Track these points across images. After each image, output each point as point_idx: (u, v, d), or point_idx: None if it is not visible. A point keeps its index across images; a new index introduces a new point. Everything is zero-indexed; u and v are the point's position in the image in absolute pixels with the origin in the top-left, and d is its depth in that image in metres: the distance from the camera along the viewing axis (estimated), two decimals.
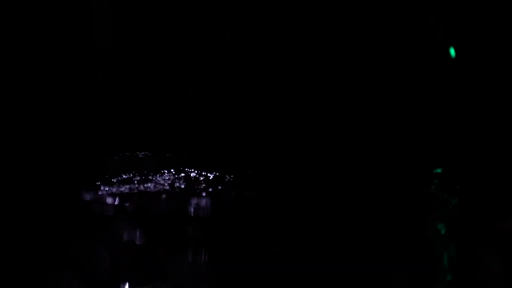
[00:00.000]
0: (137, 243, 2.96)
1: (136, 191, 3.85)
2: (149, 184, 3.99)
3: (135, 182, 4.01)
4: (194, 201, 3.68)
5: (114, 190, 3.79)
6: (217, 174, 4.19)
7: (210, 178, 4.14)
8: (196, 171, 4.25)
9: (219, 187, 3.95)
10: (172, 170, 4.25)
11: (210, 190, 3.89)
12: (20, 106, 4.31)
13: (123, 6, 4.64)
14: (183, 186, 3.98)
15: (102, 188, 3.80)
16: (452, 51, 4.19)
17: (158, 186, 3.97)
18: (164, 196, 3.76)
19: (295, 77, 4.69)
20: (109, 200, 3.56)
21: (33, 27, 4.35)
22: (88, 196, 3.67)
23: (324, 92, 4.65)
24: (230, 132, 4.63)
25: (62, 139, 4.33)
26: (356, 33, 4.65)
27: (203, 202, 3.68)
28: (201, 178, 4.13)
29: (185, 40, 4.73)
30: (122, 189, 3.83)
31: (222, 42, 4.74)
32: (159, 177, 4.13)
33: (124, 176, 4.08)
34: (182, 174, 4.18)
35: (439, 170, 4.27)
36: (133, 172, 4.21)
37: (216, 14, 4.71)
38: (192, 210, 3.55)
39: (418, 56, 4.61)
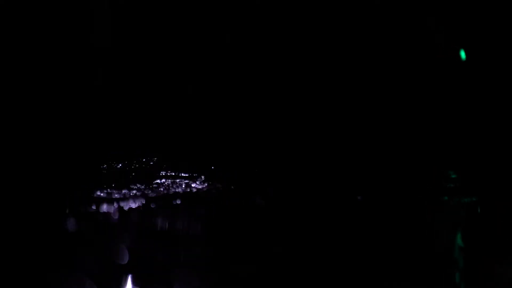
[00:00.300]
0: (138, 244, 2.95)
1: (137, 192, 3.85)
2: (152, 185, 3.98)
3: (137, 183, 4.00)
4: (198, 201, 3.69)
5: (118, 193, 3.78)
6: (222, 174, 4.18)
7: (214, 179, 4.14)
8: (199, 172, 4.24)
9: (225, 187, 3.95)
10: (175, 171, 4.24)
11: (214, 190, 3.89)
12: (19, 106, 4.31)
13: (123, 6, 4.64)
14: (186, 188, 3.98)
15: (102, 191, 3.80)
16: (463, 54, 4.19)
17: (160, 187, 3.96)
18: (166, 197, 3.75)
19: (298, 78, 4.68)
20: (109, 203, 3.56)
21: (33, 27, 4.34)
22: (86, 200, 3.66)
23: (329, 93, 4.64)
24: (234, 132, 4.62)
25: (61, 139, 4.33)
26: (357, 33, 4.65)
27: (209, 202, 3.69)
28: (205, 179, 4.12)
29: (185, 40, 4.73)
30: (126, 191, 3.83)
31: (222, 42, 4.73)
32: (161, 179, 4.13)
33: (129, 178, 4.08)
34: (185, 175, 4.18)
35: (451, 173, 4.26)
36: (134, 173, 4.20)
37: (216, 14, 4.70)
38: (196, 210, 3.55)
39: (420, 57, 4.61)
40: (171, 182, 4.11)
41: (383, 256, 2.89)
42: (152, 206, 3.64)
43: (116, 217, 3.43)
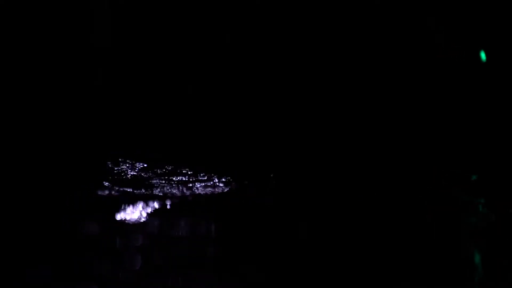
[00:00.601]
0: (139, 245, 2.96)
1: (139, 192, 3.85)
2: (157, 186, 3.98)
3: (139, 183, 4.01)
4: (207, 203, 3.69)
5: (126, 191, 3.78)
6: (227, 174, 4.18)
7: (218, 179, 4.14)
8: (202, 172, 4.24)
9: (231, 187, 3.95)
10: (176, 171, 4.24)
11: (219, 191, 3.89)
12: (19, 106, 4.31)
13: (123, 6, 4.64)
14: (189, 187, 3.98)
15: (103, 191, 3.80)
16: (483, 55, 4.18)
17: (166, 187, 3.97)
18: (172, 198, 3.76)
19: (299, 78, 4.67)
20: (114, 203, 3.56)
21: (33, 27, 4.34)
22: (87, 198, 3.66)
23: (331, 93, 4.64)
24: (238, 132, 4.62)
25: (62, 139, 4.33)
26: (357, 33, 4.65)
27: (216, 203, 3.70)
28: (217, 181, 4.12)
29: (185, 40, 4.72)
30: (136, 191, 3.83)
31: (222, 42, 4.73)
32: (162, 179, 4.13)
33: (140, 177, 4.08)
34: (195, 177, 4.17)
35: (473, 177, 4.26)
36: (135, 173, 4.21)
37: (216, 14, 4.70)
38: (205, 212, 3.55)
39: (420, 57, 4.61)
40: (173, 182, 4.11)
41: (383, 256, 2.89)
42: (154, 206, 3.64)
43: (118, 217, 3.43)
